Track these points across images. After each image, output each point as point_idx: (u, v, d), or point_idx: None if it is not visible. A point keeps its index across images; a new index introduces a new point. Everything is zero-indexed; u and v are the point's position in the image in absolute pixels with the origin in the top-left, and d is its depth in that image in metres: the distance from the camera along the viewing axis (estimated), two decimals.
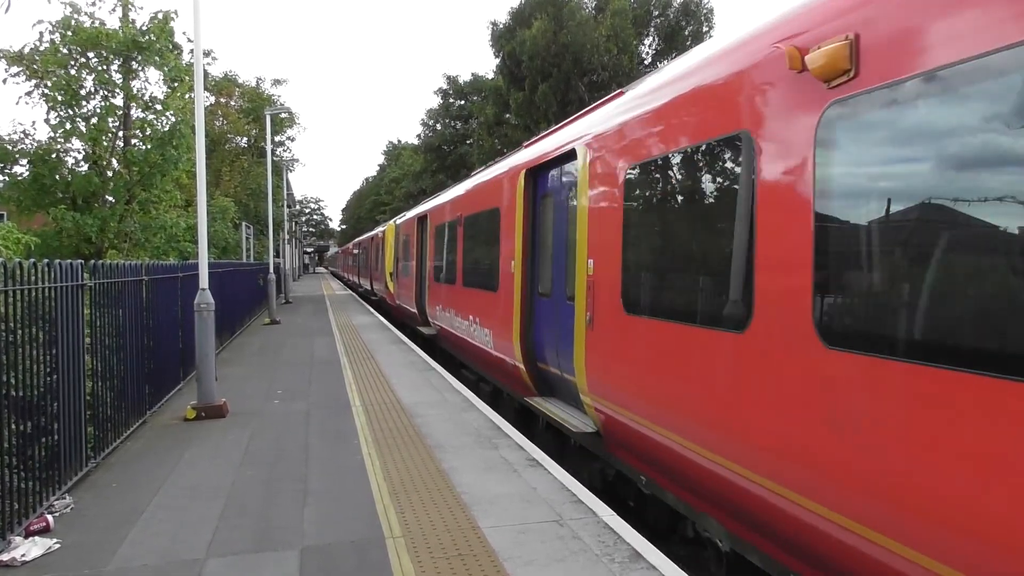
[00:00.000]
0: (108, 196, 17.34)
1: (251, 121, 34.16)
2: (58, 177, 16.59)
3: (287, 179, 41.11)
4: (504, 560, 4.71)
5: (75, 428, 6.36)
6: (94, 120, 16.31)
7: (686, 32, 36.48)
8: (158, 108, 17.16)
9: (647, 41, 37.59)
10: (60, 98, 15.99)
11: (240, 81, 35.59)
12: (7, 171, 16.91)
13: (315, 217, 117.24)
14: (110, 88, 16.67)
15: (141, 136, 17.35)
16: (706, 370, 4.79)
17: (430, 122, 59.93)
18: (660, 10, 37.05)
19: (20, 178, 16.66)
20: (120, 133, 17.33)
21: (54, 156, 16.62)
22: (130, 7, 16.78)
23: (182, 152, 16.74)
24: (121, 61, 16.68)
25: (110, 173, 17.40)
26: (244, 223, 28.67)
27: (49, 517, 5.46)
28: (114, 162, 17.54)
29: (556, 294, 8.03)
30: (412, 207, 26.06)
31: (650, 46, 37.60)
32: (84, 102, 16.38)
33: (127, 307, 8.00)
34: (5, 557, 4.78)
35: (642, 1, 36.73)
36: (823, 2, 3.93)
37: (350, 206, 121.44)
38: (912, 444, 3.15)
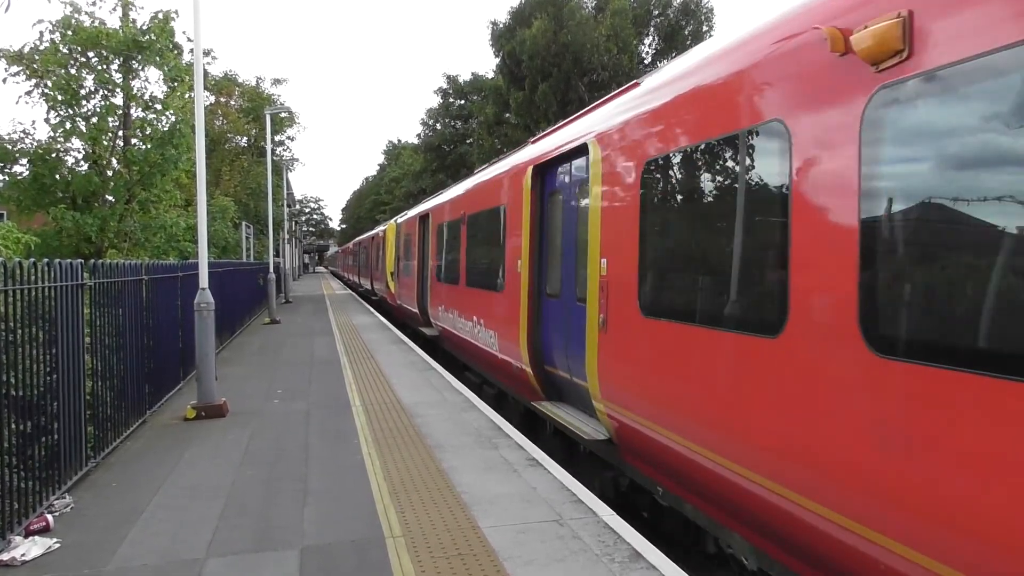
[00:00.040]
0: (108, 196, 17.34)
1: (251, 121, 34.17)
2: (58, 177, 16.60)
3: (287, 179, 41.12)
4: (504, 560, 4.71)
5: (75, 428, 6.36)
6: (94, 120, 16.31)
7: (686, 32, 36.54)
8: (158, 108, 17.17)
9: (647, 41, 37.64)
10: (60, 97, 16.01)
11: (240, 80, 35.63)
12: (7, 171, 16.94)
13: (315, 217, 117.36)
14: (110, 87, 16.68)
15: (141, 136, 17.36)
16: (731, 377, 4.47)
17: (430, 122, 60.02)
18: (660, 10, 37.11)
19: (20, 177, 16.67)
20: (120, 133, 17.34)
21: (54, 155, 16.64)
22: (130, 7, 16.80)
23: (182, 151, 16.74)
24: (121, 61, 16.68)
25: (110, 173, 17.41)
26: (244, 223, 28.68)
27: (49, 517, 5.46)
28: (114, 162, 17.55)
29: (565, 295, 7.78)
30: (412, 206, 26.03)
31: (650, 46, 37.65)
32: (84, 101, 16.40)
33: (127, 307, 8.00)
34: (5, 557, 4.78)
35: (642, 1, 36.76)
36: None
37: (350, 206, 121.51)
38: (981, 467, 2.86)
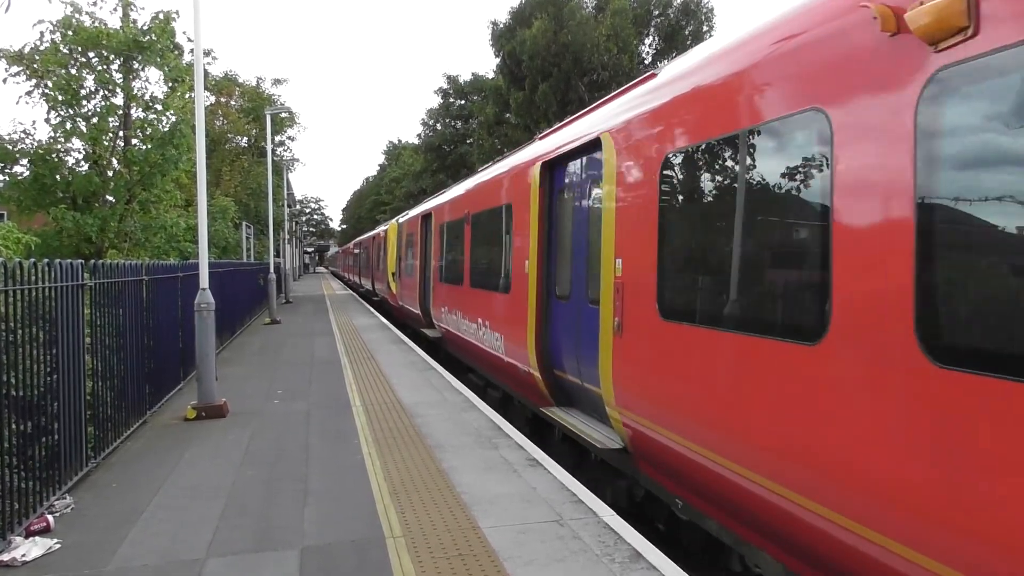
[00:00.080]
0: (108, 196, 17.34)
1: (251, 121, 34.18)
2: (58, 177, 16.58)
3: (287, 179, 41.14)
4: (504, 560, 4.71)
5: (75, 428, 6.36)
6: (94, 120, 16.30)
7: (686, 32, 36.53)
8: (158, 108, 17.17)
9: (647, 41, 37.63)
10: (60, 98, 15.99)
11: (240, 81, 35.65)
12: (7, 171, 16.92)
13: (315, 217, 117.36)
14: (110, 88, 16.67)
15: (141, 136, 17.35)
16: (763, 386, 4.16)
17: (430, 122, 60.03)
18: (660, 10, 37.09)
19: (20, 178, 16.65)
20: (120, 133, 17.33)
21: (54, 156, 16.62)
22: (131, 7, 16.80)
23: (182, 152, 16.74)
24: (122, 61, 16.68)
25: (110, 173, 17.40)
26: (244, 223, 28.69)
27: (49, 517, 5.47)
28: (114, 162, 17.54)
29: (576, 296, 7.49)
30: (413, 207, 25.99)
31: (650, 46, 37.64)
32: (84, 102, 16.39)
33: (127, 307, 8.00)
34: (5, 557, 4.78)
35: (642, 1, 36.76)
36: None
37: (350, 206, 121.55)
38: None
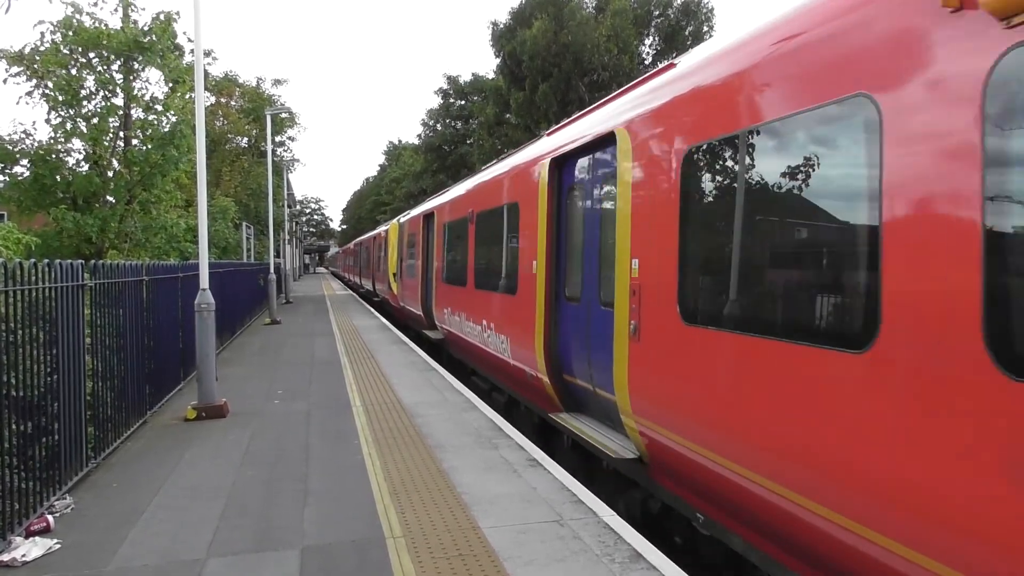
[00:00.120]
0: (109, 196, 17.34)
1: (251, 121, 34.21)
2: (59, 177, 16.59)
3: (287, 179, 41.16)
4: (504, 560, 4.71)
5: (75, 428, 6.37)
6: (95, 120, 16.31)
7: (686, 32, 36.55)
8: (159, 108, 17.18)
9: (647, 41, 37.67)
10: (61, 98, 16.00)
11: (240, 81, 35.69)
12: (8, 171, 16.93)
13: (315, 217, 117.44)
14: (111, 88, 16.68)
15: (142, 136, 17.37)
16: (801, 396, 3.86)
17: (430, 122, 60.09)
18: (660, 10, 37.12)
19: (21, 178, 16.66)
20: (121, 133, 17.34)
21: (55, 156, 16.62)
22: (131, 8, 16.81)
23: (183, 152, 16.74)
24: (122, 61, 16.69)
25: (111, 173, 17.40)
26: (244, 223, 28.70)
27: (49, 517, 5.47)
28: (115, 162, 17.54)
29: (588, 299, 7.18)
30: (413, 207, 25.97)
31: (650, 46, 37.68)
32: (85, 102, 16.39)
33: (127, 307, 8.00)
34: (6, 557, 4.79)
35: (642, 1, 36.78)
36: None
37: (350, 206, 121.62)
38: None
